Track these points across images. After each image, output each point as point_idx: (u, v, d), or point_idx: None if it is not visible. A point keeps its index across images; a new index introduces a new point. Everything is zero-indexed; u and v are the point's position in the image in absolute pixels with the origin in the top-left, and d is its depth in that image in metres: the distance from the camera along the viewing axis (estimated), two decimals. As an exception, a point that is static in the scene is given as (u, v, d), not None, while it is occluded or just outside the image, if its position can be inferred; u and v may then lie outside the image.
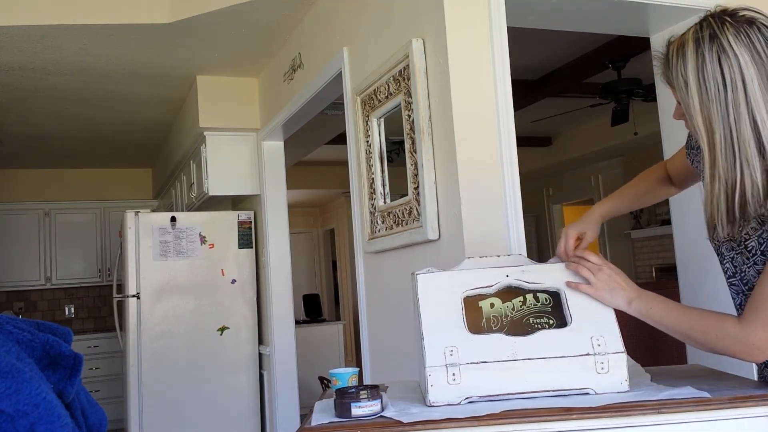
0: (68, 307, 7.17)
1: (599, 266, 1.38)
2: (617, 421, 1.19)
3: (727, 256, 1.36)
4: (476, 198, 2.24)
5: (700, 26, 1.23)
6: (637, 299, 1.34)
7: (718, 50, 1.18)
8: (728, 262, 1.36)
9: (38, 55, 3.90)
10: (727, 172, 1.19)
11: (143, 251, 4.59)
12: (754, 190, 1.18)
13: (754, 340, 1.20)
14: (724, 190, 1.20)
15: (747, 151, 1.17)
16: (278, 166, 4.65)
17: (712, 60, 1.18)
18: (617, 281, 1.36)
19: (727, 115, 1.17)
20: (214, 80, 4.59)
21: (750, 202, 1.18)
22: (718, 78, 1.18)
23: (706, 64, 1.19)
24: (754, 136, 1.17)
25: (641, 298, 1.34)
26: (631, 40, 3.41)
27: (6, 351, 0.85)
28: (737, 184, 1.18)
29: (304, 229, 10.36)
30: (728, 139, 1.18)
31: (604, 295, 1.36)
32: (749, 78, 1.17)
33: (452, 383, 1.29)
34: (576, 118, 6.79)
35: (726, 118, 1.17)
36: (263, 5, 3.47)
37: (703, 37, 1.21)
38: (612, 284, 1.36)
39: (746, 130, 1.17)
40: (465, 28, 2.31)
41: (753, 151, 1.17)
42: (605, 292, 1.36)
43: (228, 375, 4.69)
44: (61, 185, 7.11)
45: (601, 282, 1.36)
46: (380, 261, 2.87)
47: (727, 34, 1.19)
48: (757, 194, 1.18)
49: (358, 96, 2.93)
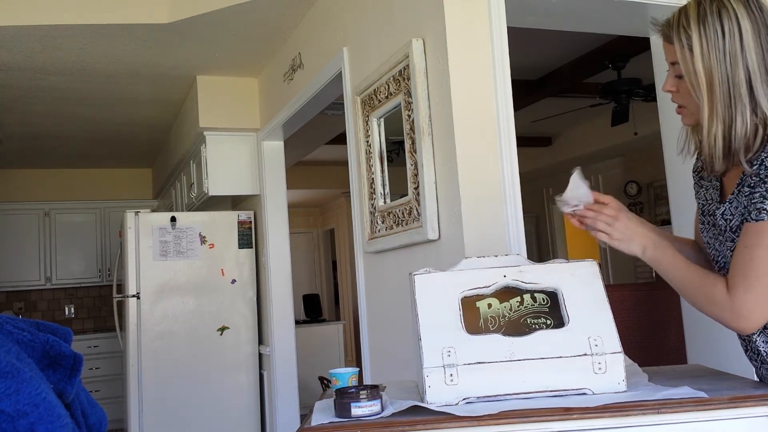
0: (68, 307, 7.17)
1: (615, 216, 1.42)
2: (617, 421, 1.19)
3: (728, 256, 1.37)
4: (476, 198, 2.24)
5: None
6: (652, 248, 1.40)
7: (719, 5, 1.32)
8: (713, 249, 1.44)
9: (38, 55, 3.90)
10: (724, 110, 1.30)
11: (143, 251, 4.59)
12: (745, 127, 1.30)
13: (739, 305, 1.25)
14: (721, 128, 1.31)
15: (740, 92, 1.30)
16: (278, 166, 4.65)
17: (713, 13, 1.31)
18: (633, 230, 1.42)
19: (725, 61, 1.30)
20: (214, 80, 4.59)
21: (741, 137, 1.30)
22: (718, 28, 1.30)
23: (708, 16, 1.31)
24: (746, 80, 1.30)
25: (655, 248, 1.40)
26: (631, 40, 3.41)
27: (6, 351, 0.85)
28: (734, 120, 1.30)
29: (304, 229, 10.36)
30: (725, 83, 1.30)
31: (620, 246, 1.42)
32: (744, 29, 1.30)
33: (450, 384, 1.29)
34: (576, 118, 6.79)
35: (723, 63, 1.30)
36: (263, 5, 3.47)
37: None
38: (628, 234, 1.41)
39: (741, 75, 1.30)
40: (465, 28, 2.31)
41: (745, 93, 1.30)
42: (622, 243, 1.42)
43: (228, 375, 4.69)
44: (61, 185, 7.11)
45: (617, 232, 1.42)
46: (380, 261, 2.87)
47: None
48: (745, 130, 1.30)
49: (358, 96, 2.93)
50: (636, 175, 7.49)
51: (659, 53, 2.94)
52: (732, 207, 1.35)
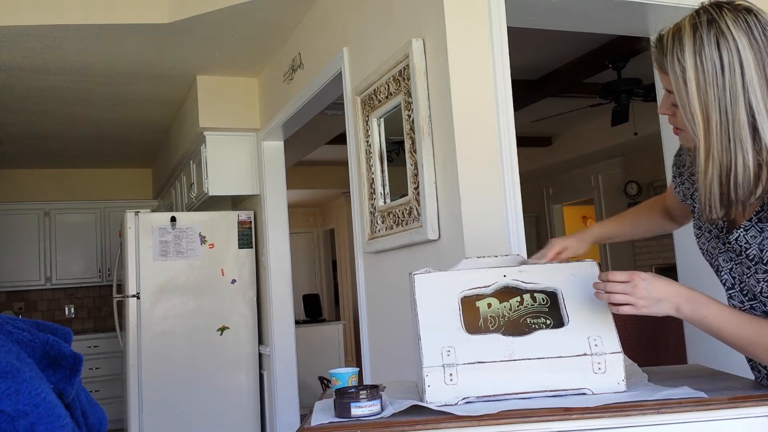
0: (68, 307, 7.17)
1: (631, 283, 1.26)
2: (616, 421, 1.19)
3: (724, 267, 1.33)
4: (476, 198, 2.24)
5: (697, 13, 1.23)
6: (686, 304, 1.25)
7: (717, 34, 1.17)
8: (726, 273, 1.33)
9: (38, 55, 3.90)
10: (721, 154, 1.17)
11: (143, 251, 4.59)
12: (746, 173, 1.17)
13: None
14: (717, 174, 1.18)
15: (741, 134, 1.16)
16: (278, 166, 4.66)
17: (710, 43, 1.17)
18: (657, 290, 1.25)
19: (724, 98, 1.16)
20: (214, 80, 4.59)
21: (741, 185, 1.17)
22: (716, 61, 1.16)
23: (704, 47, 1.18)
24: (748, 120, 1.16)
25: (690, 303, 1.25)
26: (631, 40, 3.41)
27: (6, 351, 0.85)
28: (732, 166, 1.17)
29: (304, 229, 10.36)
30: (724, 123, 1.16)
31: (649, 311, 1.26)
32: (746, 62, 1.16)
33: (449, 383, 1.29)
34: (576, 118, 6.79)
35: (723, 101, 1.16)
36: (263, 5, 3.47)
37: (701, 22, 1.20)
38: (654, 295, 1.25)
39: (742, 114, 1.16)
40: (465, 28, 2.31)
41: (747, 134, 1.16)
42: (650, 308, 1.25)
43: (228, 375, 4.69)
44: (61, 185, 7.11)
45: (641, 299, 1.25)
46: (380, 261, 2.87)
47: (725, 18, 1.18)
48: (747, 178, 1.17)
49: (358, 96, 2.93)
50: (636, 175, 7.49)
51: (659, 53, 2.95)
52: (749, 235, 1.25)
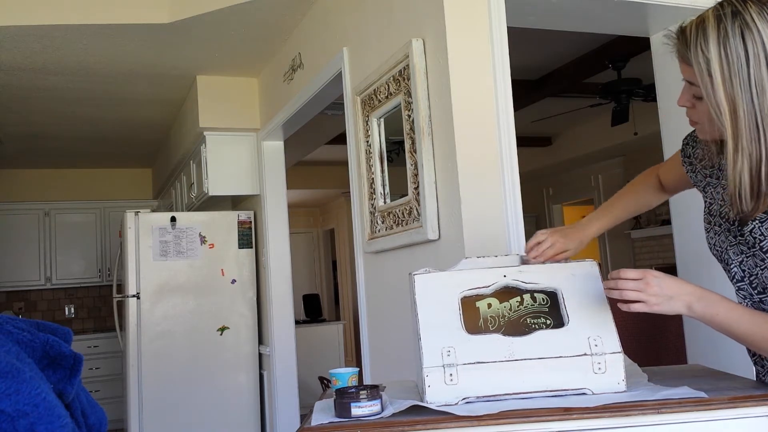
0: (68, 307, 7.17)
1: (643, 280, 1.26)
2: (617, 421, 1.19)
3: (734, 260, 1.33)
4: (476, 198, 2.24)
5: (721, 5, 1.22)
6: (697, 303, 1.26)
7: (741, 25, 1.18)
8: (736, 267, 1.33)
9: (38, 55, 3.90)
10: (751, 145, 1.18)
11: (143, 251, 4.59)
12: None
13: None
14: (747, 164, 1.19)
15: None
16: (278, 166, 4.66)
17: (735, 35, 1.18)
18: (669, 288, 1.26)
19: (749, 90, 1.17)
20: (214, 80, 4.59)
21: None
22: (741, 53, 1.17)
23: (729, 39, 1.18)
24: None
25: (702, 301, 1.26)
26: (631, 40, 3.41)
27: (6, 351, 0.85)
28: (762, 157, 1.18)
29: (304, 229, 10.36)
30: (751, 114, 1.17)
31: (661, 309, 1.26)
32: None
33: (449, 384, 1.29)
34: (576, 118, 6.79)
35: (749, 92, 1.17)
36: (263, 5, 3.47)
37: (725, 14, 1.20)
38: (666, 292, 1.25)
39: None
40: (465, 28, 2.31)
41: None
42: (661, 305, 1.26)
43: (228, 375, 4.69)
44: (61, 185, 7.11)
45: (653, 296, 1.25)
46: (380, 261, 2.87)
47: (750, 11, 1.19)
48: None
49: (358, 96, 2.93)
50: (636, 175, 7.48)
51: (659, 53, 2.95)
52: (764, 227, 1.25)
